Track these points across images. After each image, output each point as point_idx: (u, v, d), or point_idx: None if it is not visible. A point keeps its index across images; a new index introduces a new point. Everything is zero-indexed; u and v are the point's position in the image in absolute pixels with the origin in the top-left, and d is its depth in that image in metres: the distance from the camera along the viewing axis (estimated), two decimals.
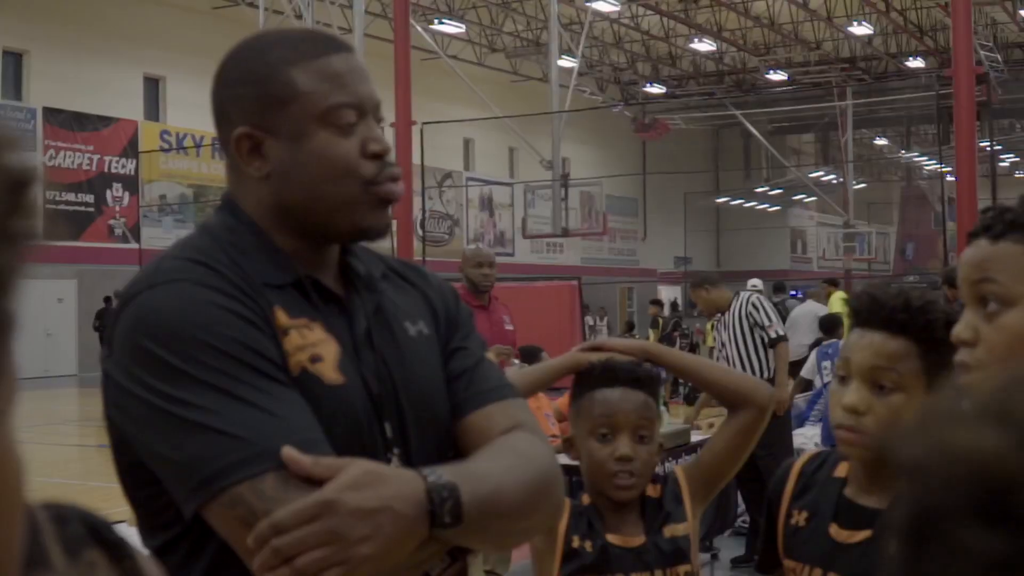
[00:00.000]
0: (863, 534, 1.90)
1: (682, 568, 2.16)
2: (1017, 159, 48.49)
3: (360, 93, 1.56)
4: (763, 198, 46.93)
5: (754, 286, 16.83)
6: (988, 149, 23.02)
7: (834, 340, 9.84)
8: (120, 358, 1.44)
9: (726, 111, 37.56)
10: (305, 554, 1.29)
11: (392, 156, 1.59)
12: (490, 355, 1.77)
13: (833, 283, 16.15)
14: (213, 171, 28.90)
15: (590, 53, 34.54)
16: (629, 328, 26.43)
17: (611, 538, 2.16)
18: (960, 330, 1.46)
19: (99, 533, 0.76)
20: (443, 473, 1.41)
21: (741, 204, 47.19)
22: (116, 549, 0.77)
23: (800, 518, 2.00)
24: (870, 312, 1.87)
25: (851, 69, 37.19)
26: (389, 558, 1.34)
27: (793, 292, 38.46)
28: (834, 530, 1.93)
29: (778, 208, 47.68)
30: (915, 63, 35.16)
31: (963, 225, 16.14)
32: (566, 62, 28.89)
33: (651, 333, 21.64)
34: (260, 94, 1.53)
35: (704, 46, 34.88)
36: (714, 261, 46.44)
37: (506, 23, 33.76)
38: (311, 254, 1.58)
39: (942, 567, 0.56)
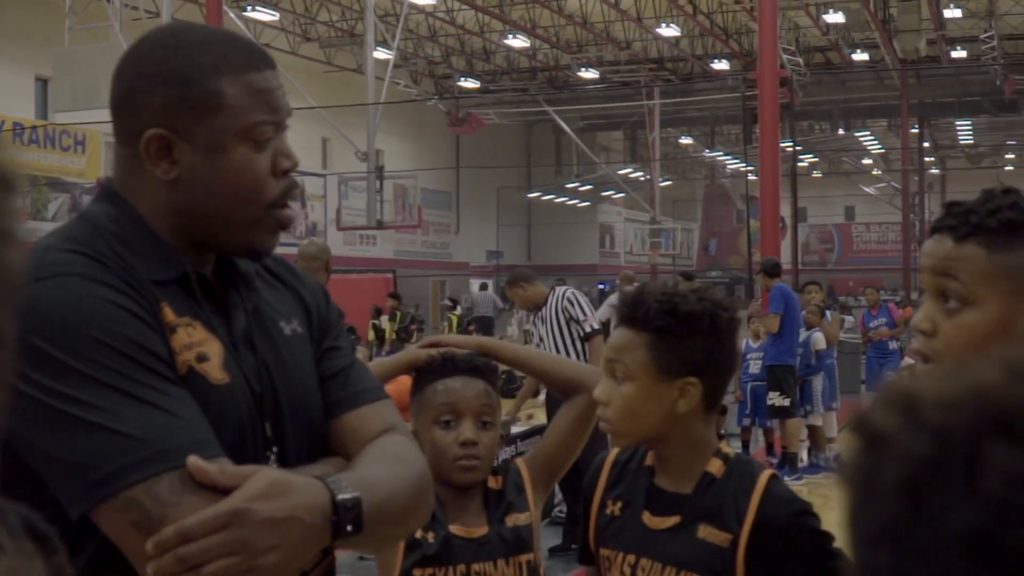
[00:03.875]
0: (672, 520, 2.00)
1: (524, 557, 2.19)
2: (816, 159, 50.70)
3: (282, 110, 1.56)
4: (573, 194, 47.72)
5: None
6: (789, 149, 23.95)
7: None
8: None
9: (538, 107, 38.06)
10: (212, 562, 1.28)
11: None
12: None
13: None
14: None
15: (405, 46, 34.44)
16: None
17: (454, 529, 2.17)
18: (919, 320, 1.54)
19: (31, 526, 0.77)
20: (343, 482, 1.42)
21: (552, 199, 47.88)
22: (47, 543, 0.78)
23: (615, 508, 2.10)
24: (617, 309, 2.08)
25: (659, 69, 38.14)
26: (291, 566, 1.36)
27: (601, 284, 39.38)
28: (647, 517, 2.03)
29: (588, 204, 48.57)
30: (720, 65, 36.27)
31: (765, 222, 16.67)
32: (381, 54, 28.75)
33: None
34: (183, 97, 1.49)
35: (518, 42, 35.18)
36: (525, 255, 46.98)
37: (320, 12, 33.35)
38: (195, 251, 1.56)
39: (953, 501, 0.54)
